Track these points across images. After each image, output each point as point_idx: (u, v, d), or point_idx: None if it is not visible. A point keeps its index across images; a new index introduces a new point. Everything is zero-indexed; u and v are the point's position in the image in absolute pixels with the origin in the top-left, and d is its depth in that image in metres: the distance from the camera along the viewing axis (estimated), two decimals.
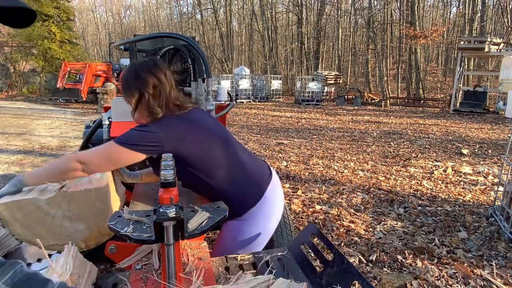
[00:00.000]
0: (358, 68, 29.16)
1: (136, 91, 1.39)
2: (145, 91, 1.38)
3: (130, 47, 2.80)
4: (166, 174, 0.96)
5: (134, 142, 1.33)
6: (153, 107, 1.38)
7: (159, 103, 1.39)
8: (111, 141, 1.36)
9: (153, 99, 1.38)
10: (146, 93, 1.38)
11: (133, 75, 1.40)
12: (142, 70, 1.40)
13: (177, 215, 0.90)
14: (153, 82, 1.38)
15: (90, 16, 46.42)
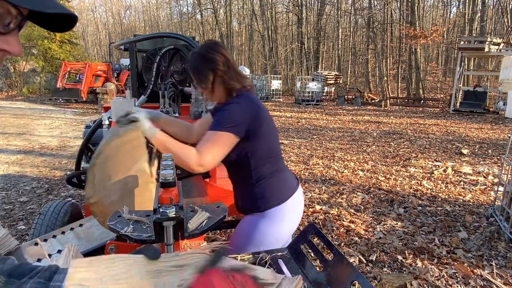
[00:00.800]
0: (358, 68, 29.16)
1: (209, 73, 1.45)
2: (217, 69, 1.45)
3: (130, 47, 2.81)
4: (166, 174, 0.96)
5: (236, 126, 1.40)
6: (229, 82, 1.47)
7: (232, 77, 1.47)
8: (214, 132, 1.38)
9: (226, 74, 1.46)
10: (219, 71, 1.45)
11: (200, 60, 1.46)
12: (207, 51, 1.46)
13: (177, 215, 0.90)
14: (221, 59, 1.46)
15: (90, 16, 46.44)
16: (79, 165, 2.71)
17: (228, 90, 1.50)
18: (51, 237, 1.83)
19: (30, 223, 3.63)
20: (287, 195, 1.60)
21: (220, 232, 3.37)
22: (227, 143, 1.41)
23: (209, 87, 1.48)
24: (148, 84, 2.60)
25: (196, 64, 1.47)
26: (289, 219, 1.61)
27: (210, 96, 1.53)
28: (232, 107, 1.43)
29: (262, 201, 1.54)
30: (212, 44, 1.50)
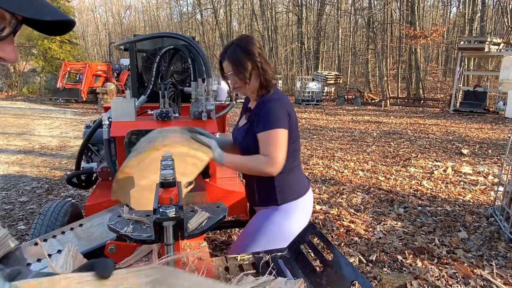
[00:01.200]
0: (358, 68, 29.16)
1: (248, 64, 1.51)
2: (256, 61, 1.52)
3: (130, 47, 2.81)
4: (166, 174, 0.96)
5: (284, 122, 1.48)
6: (265, 75, 1.54)
7: (267, 71, 1.54)
8: (275, 130, 1.46)
9: (263, 67, 1.54)
10: (258, 63, 1.52)
11: (241, 51, 1.52)
12: (246, 44, 1.53)
13: (177, 215, 0.90)
14: (259, 52, 1.54)
15: (90, 16, 46.43)
16: (79, 165, 2.71)
17: (262, 84, 1.56)
18: (51, 237, 1.83)
19: (30, 223, 3.63)
20: (303, 191, 1.66)
21: (220, 232, 3.37)
22: (285, 138, 1.49)
23: (246, 78, 1.53)
24: (148, 84, 2.60)
25: (236, 55, 1.52)
26: (302, 216, 1.65)
27: (244, 88, 1.58)
28: (273, 105, 1.49)
29: (280, 195, 1.59)
30: (250, 37, 1.58)
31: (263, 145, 1.49)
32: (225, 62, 1.56)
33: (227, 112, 2.78)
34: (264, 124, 1.48)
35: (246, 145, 1.59)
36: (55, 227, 2.06)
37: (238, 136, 1.67)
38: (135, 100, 2.14)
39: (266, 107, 1.49)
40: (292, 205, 1.60)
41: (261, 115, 1.49)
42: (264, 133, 1.48)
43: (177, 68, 2.91)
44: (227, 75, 1.57)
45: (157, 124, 2.05)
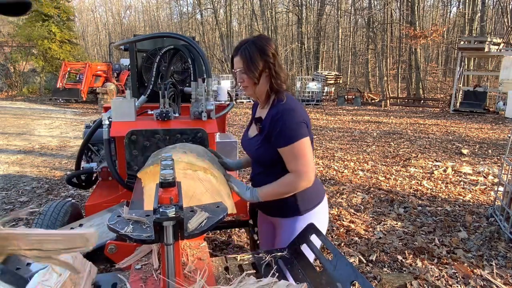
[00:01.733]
0: (358, 68, 29.15)
1: (260, 63, 1.46)
2: (269, 62, 1.47)
3: (130, 47, 2.81)
4: (166, 174, 0.96)
5: (304, 130, 1.44)
6: (275, 79, 1.48)
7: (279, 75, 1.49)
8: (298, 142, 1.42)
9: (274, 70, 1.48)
10: (270, 64, 1.47)
11: (255, 48, 1.46)
12: (262, 43, 1.47)
13: (177, 215, 0.90)
14: (273, 52, 1.48)
15: (90, 16, 46.41)
16: (79, 165, 2.71)
17: (272, 88, 1.51)
18: None
19: (30, 223, 3.63)
20: (322, 195, 1.64)
21: (220, 232, 3.37)
22: (309, 147, 1.46)
23: (256, 77, 1.47)
24: (148, 84, 2.60)
25: (250, 52, 1.46)
26: (324, 218, 1.64)
27: (251, 88, 1.52)
28: (290, 116, 1.44)
29: (302, 204, 1.55)
30: (267, 38, 1.53)
31: (289, 160, 1.45)
32: (236, 58, 1.51)
33: (227, 112, 2.78)
34: (285, 138, 1.43)
35: (260, 157, 1.56)
36: (55, 227, 2.06)
37: (249, 147, 1.61)
38: (135, 100, 2.14)
39: (284, 118, 1.43)
40: (315, 211, 1.58)
41: (280, 128, 1.43)
42: (287, 148, 1.43)
43: (177, 68, 2.91)
44: (236, 71, 1.52)
45: (157, 124, 2.05)
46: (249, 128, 1.70)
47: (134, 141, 1.94)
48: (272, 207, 1.61)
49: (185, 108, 2.57)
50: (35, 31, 18.82)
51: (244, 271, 1.35)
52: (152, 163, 1.35)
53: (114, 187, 2.40)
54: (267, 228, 1.77)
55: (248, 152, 1.66)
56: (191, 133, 1.99)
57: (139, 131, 1.94)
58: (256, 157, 1.58)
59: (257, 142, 1.54)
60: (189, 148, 1.48)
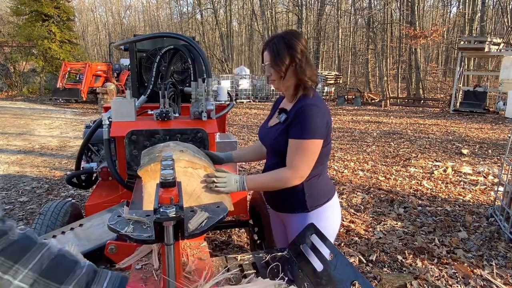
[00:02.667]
0: (358, 68, 29.16)
1: (287, 57, 1.46)
2: (296, 57, 1.46)
3: (130, 47, 2.81)
4: (166, 174, 0.96)
5: (322, 131, 1.44)
6: (302, 74, 1.47)
7: (305, 71, 1.48)
8: (308, 140, 1.42)
9: (301, 65, 1.47)
10: (297, 59, 1.46)
11: (283, 43, 1.46)
12: (290, 37, 1.47)
13: (177, 215, 0.90)
14: (302, 49, 1.47)
15: (90, 16, 46.40)
16: (79, 165, 2.71)
17: (298, 83, 1.50)
18: (51, 237, 1.83)
19: (30, 223, 3.63)
20: (332, 193, 1.62)
21: (220, 232, 3.37)
22: (316, 150, 1.45)
23: (282, 72, 1.47)
24: (148, 84, 2.60)
25: (277, 46, 1.47)
26: (334, 217, 1.62)
27: (278, 82, 1.52)
28: (314, 112, 1.44)
29: (310, 200, 1.55)
30: (296, 33, 1.52)
31: (291, 153, 1.45)
32: (266, 52, 1.52)
33: (227, 112, 2.78)
34: (300, 131, 1.43)
35: (277, 146, 1.54)
36: (55, 227, 2.06)
37: (267, 136, 1.61)
38: (135, 100, 2.15)
39: (307, 112, 1.43)
40: (323, 209, 1.57)
41: (300, 120, 1.44)
42: (297, 141, 1.43)
43: (177, 68, 2.91)
44: (265, 65, 1.53)
45: (157, 124, 2.05)
46: (269, 119, 1.70)
47: (134, 141, 1.95)
48: (280, 202, 1.61)
49: (185, 108, 2.57)
50: (35, 31, 18.82)
51: (244, 271, 1.35)
52: (150, 161, 1.35)
53: (114, 187, 2.40)
54: (279, 225, 1.77)
55: (264, 141, 1.65)
56: (191, 133, 1.99)
57: (139, 131, 1.95)
58: (273, 146, 1.56)
59: (277, 131, 1.54)
60: (184, 146, 1.48)
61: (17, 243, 0.71)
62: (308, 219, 1.55)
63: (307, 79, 1.49)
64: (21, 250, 0.71)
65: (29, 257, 0.71)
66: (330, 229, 1.59)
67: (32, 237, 0.75)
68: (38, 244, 0.74)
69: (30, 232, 0.76)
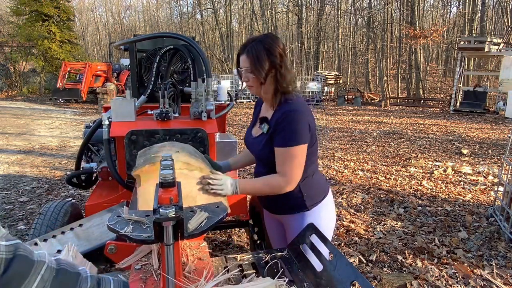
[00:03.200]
0: (358, 68, 29.16)
1: (267, 64, 1.43)
2: (276, 63, 1.44)
3: (130, 47, 2.81)
4: (166, 174, 0.96)
5: (306, 135, 1.44)
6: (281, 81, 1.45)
7: (285, 77, 1.46)
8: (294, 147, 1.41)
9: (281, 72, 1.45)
10: (277, 65, 1.45)
11: (263, 48, 1.43)
12: (270, 43, 1.45)
13: (177, 215, 0.90)
14: (281, 52, 1.45)
15: (90, 16, 46.40)
16: (79, 165, 2.71)
17: (277, 90, 1.48)
18: (51, 237, 1.83)
19: (30, 223, 3.63)
20: (327, 188, 1.65)
21: (220, 232, 3.37)
22: (303, 154, 1.45)
23: (262, 78, 1.45)
24: (148, 84, 2.60)
25: (257, 51, 1.43)
26: (331, 211, 1.64)
27: (257, 88, 1.50)
28: (295, 118, 1.42)
29: (308, 199, 1.55)
30: (275, 37, 1.49)
31: (280, 161, 1.45)
32: (243, 56, 1.48)
33: (227, 112, 2.78)
34: (284, 138, 1.42)
35: (264, 157, 1.55)
36: (55, 227, 2.06)
37: (253, 146, 1.61)
38: (135, 100, 2.14)
39: (289, 119, 1.42)
40: (322, 204, 1.59)
41: (282, 127, 1.43)
42: (283, 149, 1.43)
43: (177, 68, 2.91)
44: (242, 70, 1.50)
45: (157, 124, 2.05)
46: (252, 126, 1.68)
47: (134, 141, 1.94)
48: (279, 206, 1.61)
49: (185, 108, 2.57)
50: (35, 31, 18.81)
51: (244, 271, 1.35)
52: (145, 162, 1.34)
53: (114, 187, 2.40)
54: (276, 226, 1.77)
55: (251, 150, 1.66)
56: (191, 133, 1.98)
57: (139, 131, 1.94)
58: (261, 157, 1.58)
59: (261, 142, 1.53)
60: (180, 147, 1.47)
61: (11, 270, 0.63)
62: (307, 217, 1.56)
63: (287, 84, 1.47)
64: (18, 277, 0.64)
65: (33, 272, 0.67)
66: (329, 224, 1.63)
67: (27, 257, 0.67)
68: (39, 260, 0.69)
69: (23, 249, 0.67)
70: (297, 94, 1.52)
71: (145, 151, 1.55)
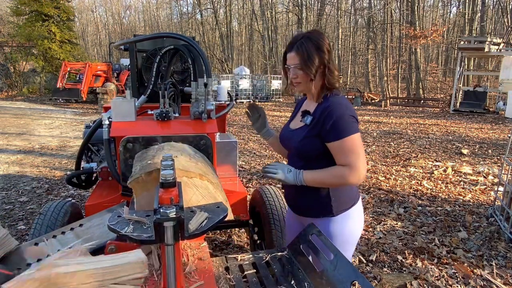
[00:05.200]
0: (358, 68, 29.17)
1: (317, 60, 1.43)
2: (325, 59, 1.44)
3: (130, 47, 2.80)
4: (166, 175, 0.96)
5: (356, 126, 1.43)
6: (329, 76, 1.46)
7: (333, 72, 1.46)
8: (350, 137, 1.40)
9: (329, 67, 1.46)
10: (326, 61, 1.45)
11: (312, 45, 1.43)
12: (318, 39, 1.44)
13: (177, 216, 0.90)
14: (328, 48, 1.46)
15: (90, 16, 46.40)
16: (79, 165, 2.70)
17: (325, 85, 1.47)
18: (51, 237, 1.83)
19: (30, 223, 3.63)
20: (357, 197, 1.57)
21: (220, 232, 3.37)
22: (361, 143, 1.44)
23: (312, 73, 1.44)
24: (148, 84, 2.60)
25: (306, 48, 1.43)
26: (358, 221, 1.57)
27: (306, 84, 1.49)
28: (342, 110, 1.42)
29: (336, 205, 1.49)
30: (320, 32, 1.50)
31: (340, 155, 1.41)
32: (291, 54, 1.46)
33: (227, 112, 2.78)
34: (337, 132, 1.39)
35: (303, 149, 1.50)
36: (55, 227, 2.06)
37: (291, 139, 1.56)
38: (135, 100, 2.14)
39: (336, 112, 1.41)
40: (348, 214, 1.51)
41: (332, 122, 1.40)
42: (339, 141, 1.39)
43: (177, 68, 2.91)
44: (290, 67, 1.48)
45: (156, 130, 2.04)
46: (291, 121, 1.67)
47: (130, 150, 1.79)
48: (304, 205, 1.55)
49: (185, 108, 2.56)
50: (35, 31, 18.82)
51: (244, 271, 1.35)
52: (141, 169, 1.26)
53: (114, 187, 2.40)
54: (296, 228, 1.68)
55: (288, 144, 1.61)
56: (193, 140, 1.81)
57: (136, 138, 1.79)
58: (299, 149, 1.51)
59: (302, 133, 1.50)
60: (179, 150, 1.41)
61: None
62: (333, 224, 1.50)
63: (334, 81, 1.47)
64: None
65: None
66: (354, 234, 1.56)
67: None
68: None
69: None
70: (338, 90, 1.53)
71: (142, 154, 1.49)
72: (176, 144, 1.58)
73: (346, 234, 1.50)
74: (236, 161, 2.84)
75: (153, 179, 1.20)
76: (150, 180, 1.20)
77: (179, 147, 1.52)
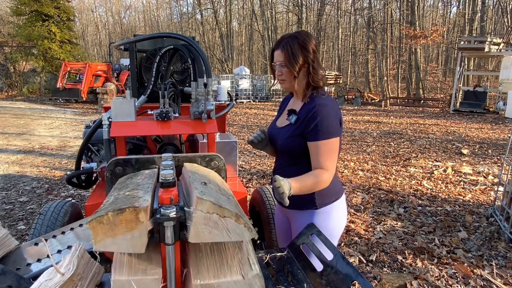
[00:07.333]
0: (358, 68, 29.16)
1: (301, 58, 1.48)
2: (309, 58, 1.49)
3: (130, 47, 2.81)
4: (166, 174, 0.96)
5: (338, 129, 1.48)
6: (314, 75, 1.50)
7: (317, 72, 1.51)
8: (329, 140, 1.45)
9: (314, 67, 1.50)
10: (310, 60, 1.50)
11: (297, 44, 1.48)
12: (304, 39, 1.50)
13: (178, 215, 0.90)
14: (314, 48, 1.51)
15: (90, 16, 46.40)
16: (79, 165, 2.70)
17: (309, 84, 1.53)
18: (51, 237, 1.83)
19: (30, 223, 3.63)
20: (341, 192, 1.63)
21: None
22: (337, 147, 1.50)
23: (296, 72, 1.49)
24: (148, 84, 2.60)
25: (291, 46, 1.48)
26: (342, 217, 1.62)
27: (290, 82, 1.55)
28: (327, 112, 1.46)
29: (319, 198, 1.55)
30: (309, 34, 1.55)
31: (316, 156, 1.47)
32: (277, 51, 1.53)
33: (227, 112, 2.78)
34: (317, 133, 1.45)
35: (288, 146, 1.56)
36: (55, 227, 2.06)
37: (277, 137, 1.62)
38: (135, 100, 2.14)
39: (321, 113, 1.45)
40: (331, 207, 1.57)
41: (314, 122, 1.45)
42: (318, 142, 1.45)
43: (177, 68, 2.91)
44: (276, 64, 1.55)
45: (157, 124, 2.04)
46: (277, 119, 1.72)
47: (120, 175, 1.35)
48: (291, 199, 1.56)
49: (185, 108, 2.56)
50: (35, 31, 18.81)
51: None
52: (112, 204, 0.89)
53: None
54: (283, 222, 1.77)
55: (274, 141, 1.65)
56: (202, 162, 1.40)
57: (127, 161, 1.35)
58: (285, 146, 1.57)
59: (287, 131, 1.55)
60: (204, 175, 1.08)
61: None
62: (315, 216, 1.55)
63: (318, 80, 1.51)
64: None
65: None
66: (336, 228, 1.61)
67: None
68: None
69: None
70: (325, 90, 1.58)
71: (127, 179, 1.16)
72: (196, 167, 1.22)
73: (329, 228, 1.55)
74: (236, 161, 2.84)
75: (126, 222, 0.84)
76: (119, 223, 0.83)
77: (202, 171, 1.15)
